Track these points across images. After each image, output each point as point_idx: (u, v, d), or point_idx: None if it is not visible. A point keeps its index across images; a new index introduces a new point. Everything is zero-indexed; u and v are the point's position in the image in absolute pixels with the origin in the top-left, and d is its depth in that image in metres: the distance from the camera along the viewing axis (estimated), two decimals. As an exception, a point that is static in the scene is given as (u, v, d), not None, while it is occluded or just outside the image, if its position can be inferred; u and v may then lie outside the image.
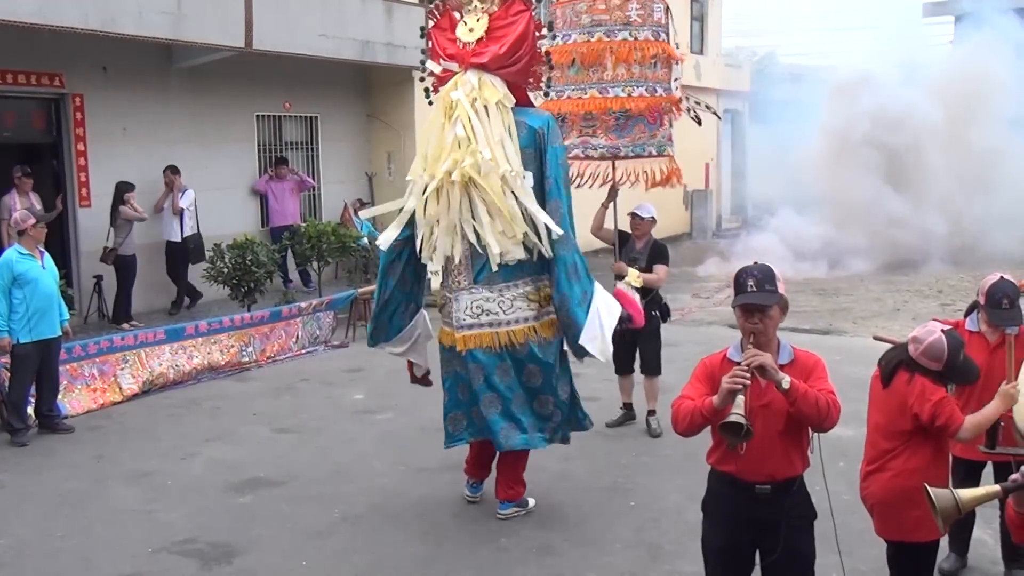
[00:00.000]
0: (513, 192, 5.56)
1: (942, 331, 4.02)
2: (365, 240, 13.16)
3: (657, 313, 7.70)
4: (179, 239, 11.95)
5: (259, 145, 13.88)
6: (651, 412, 7.83)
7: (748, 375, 3.37)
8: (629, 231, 7.76)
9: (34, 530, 5.93)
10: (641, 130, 7.17)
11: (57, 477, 6.91)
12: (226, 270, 10.95)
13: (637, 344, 7.69)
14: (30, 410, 7.90)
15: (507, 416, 5.73)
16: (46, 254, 8.02)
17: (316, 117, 14.67)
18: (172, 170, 11.86)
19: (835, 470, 5.81)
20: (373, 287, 6.72)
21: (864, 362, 9.15)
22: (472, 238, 5.61)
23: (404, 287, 6.04)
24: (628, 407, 8.08)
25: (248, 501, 6.40)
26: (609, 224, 7.75)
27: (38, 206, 10.49)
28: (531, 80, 5.96)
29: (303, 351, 10.92)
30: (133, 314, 11.47)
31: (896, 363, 4.15)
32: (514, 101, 5.74)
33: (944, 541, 4.52)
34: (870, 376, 4.34)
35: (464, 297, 5.73)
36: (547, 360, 5.79)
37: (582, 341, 5.59)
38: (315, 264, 12.62)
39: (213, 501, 6.39)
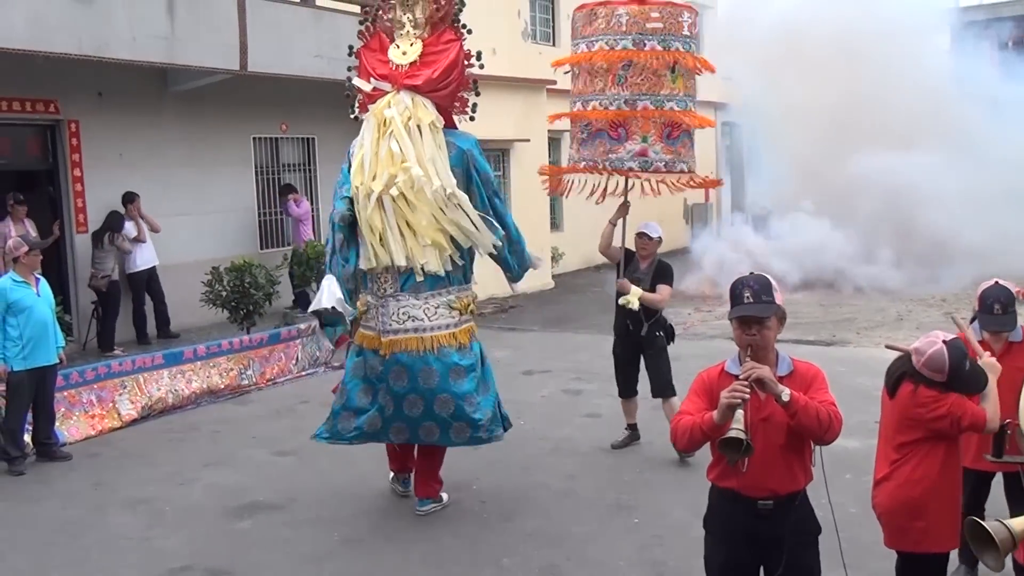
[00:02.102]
0: (442, 208, 6.01)
1: (944, 341, 3.95)
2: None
3: (661, 334, 7.51)
4: (149, 266, 11.73)
5: (256, 167, 13.84)
6: None
7: (747, 389, 3.30)
8: (634, 250, 7.60)
9: (30, 560, 5.85)
10: (683, 144, 7.26)
11: (54, 505, 6.83)
12: (224, 293, 10.89)
13: (642, 365, 7.60)
14: (27, 438, 7.83)
15: (428, 415, 6.07)
16: (42, 281, 7.97)
17: (313, 138, 14.64)
18: (129, 198, 11.53)
19: (842, 482, 5.74)
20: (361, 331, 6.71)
21: (869, 373, 9.13)
22: (399, 249, 6.06)
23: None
24: (633, 428, 7.86)
25: (247, 526, 6.32)
26: (618, 242, 7.56)
27: (33, 233, 10.43)
28: (457, 104, 6.42)
29: (303, 373, 10.85)
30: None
31: (900, 374, 4.09)
32: (443, 122, 6.20)
33: (954, 554, 4.43)
34: (876, 387, 4.28)
35: (391, 303, 6.12)
36: (468, 363, 6.15)
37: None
38: (314, 285, 12.57)
39: (212, 526, 6.32)
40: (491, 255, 6.49)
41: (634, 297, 7.12)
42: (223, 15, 11.34)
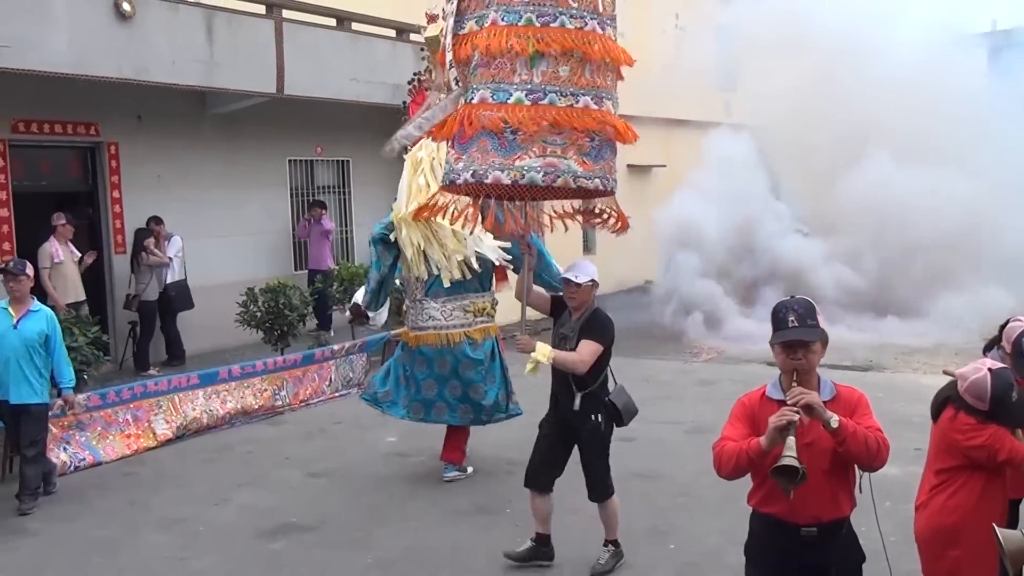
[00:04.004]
0: (453, 230, 6.90)
1: (989, 369, 3.87)
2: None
3: (599, 418, 5.63)
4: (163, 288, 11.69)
5: (291, 190, 13.97)
6: (608, 543, 5.88)
7: (797, 414, 3.24)
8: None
9: (66, 578, 5.88)
10: (611, 157, 4.93)
11: (89, 524, 6.87)
12: (259, 314, 10.96)
13: (569, 453, 5.82)
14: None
15: (440, 397, 7.42)
16: (33, 315, 7.19)
17: (348, 161, 14.76)
18: (155, 220, 11.57)
19: (881, 510, 5.58)
20: (405, 328, 7.93)
21: (908, 399, 9.01)
22: (422, 263, 7.33)
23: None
24: (542, 540, 5.87)
25: (280, 547, 6.31)
26: (542, 287, 6.43)
27: (77, 254, 10.58)
28: None
29: (336, 394, 10.87)
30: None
31: (944, 398, 4.02)
32: None
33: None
34: (915, 413, 4.21)
35: (418, 306, 7.44)
36: (477, 357, 7.38)
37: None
38: (344, 307, 12.61)
39: (245, 547, 6.32)
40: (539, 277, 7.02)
41: (541, 357, 5.34)
42: (261, 39, 11.50)
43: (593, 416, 5.60)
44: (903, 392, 9.61)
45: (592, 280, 5.65)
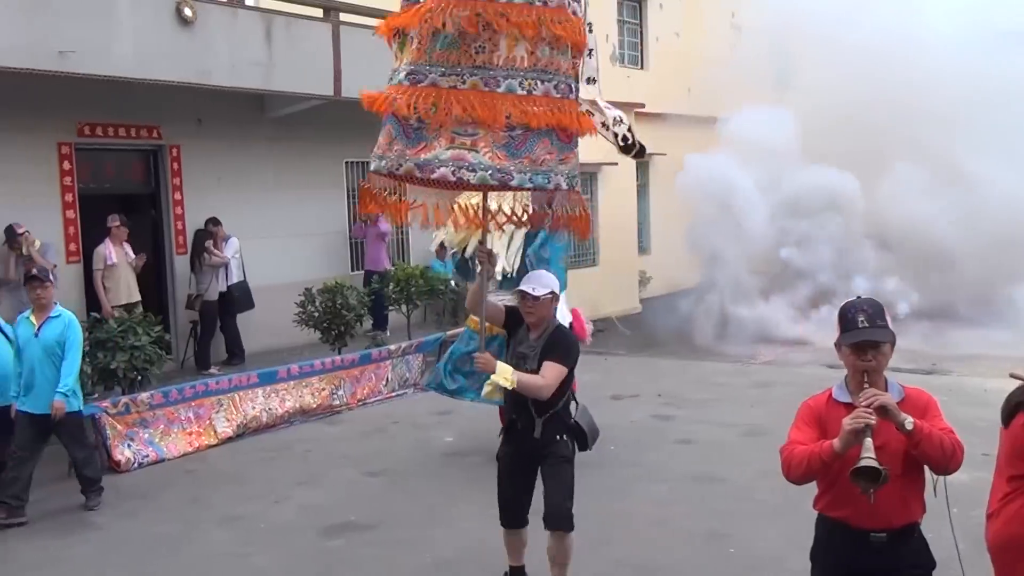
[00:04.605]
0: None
1: None
2: (453, 283, 13.18)
3: (564, 438, 5.03)
4: (226, 289, 11.81)
5: (348, 191, 14.09)
6: None
7: (873, 416, 3.18)
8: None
9: (131, 572, 5.99)
10: (546, 149, 4.40)
11: (152, 520, 6.99)
12: (316, 314, 11.07)
13: (535, 477, 5.14)
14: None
15: (487, 377, 7.25)
16: (53, 320, 7.09)
17: (403, 162, 14.81)
18: (214, 222, 11.74)
19: (949, 517, 5.51)
20: (461, 329, 8.11)
21: (973, 403, 8.81)
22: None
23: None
24: (516, 573, 5.32)
25: (339, 545, 6.36)
26: (496, 298, 5.88)
27: (131, 255, 10.75)
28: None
29: (392, 394, 10.94)
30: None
31: (1016, 403, 3.90)
32: None
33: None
34: (980, 418, 4.11)
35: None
36: None
37: None
38: (404, 307, 12.69)
39: (305, 545, 6.38)
40: None
41: (501, 380, 4.72)
42: (318, 42, 11.61)
43: (559, 437, 4.99)
44: (968, 396, 9.41)
45: (551, 292, 5.01)
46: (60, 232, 10.62)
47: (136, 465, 8.26)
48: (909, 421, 3.21)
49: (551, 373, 4.85)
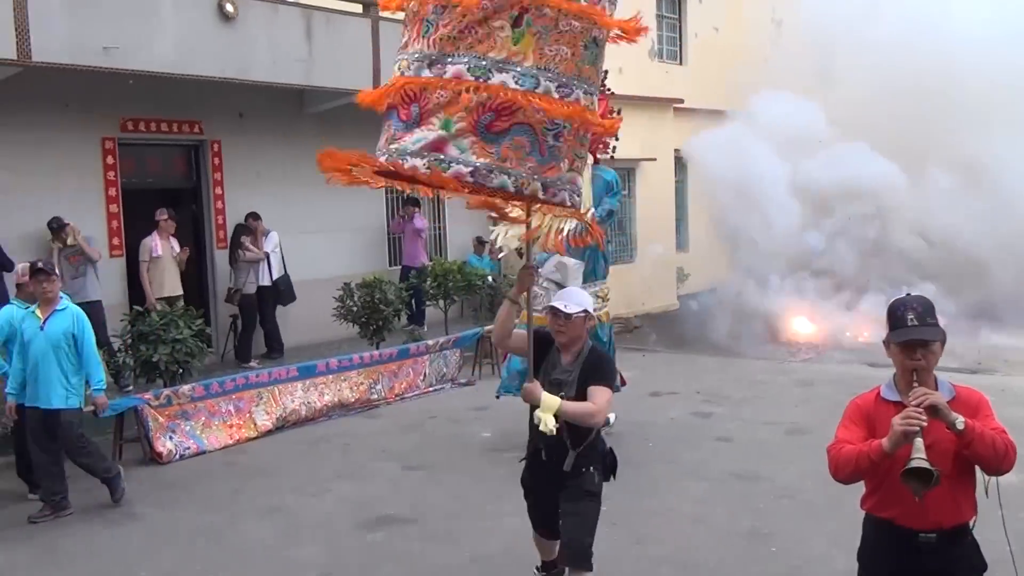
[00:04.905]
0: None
1: None
2: (491, 278, 13.18)
3: (593, 469, 4.58)
4: (268, 283, 11.86)
5: (386, 187, 14.09)
6: None
7: (924, 416, 3.12)
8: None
9: (174, 563, 6.05)
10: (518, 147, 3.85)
11: (194, 511, 7.06)
12: (355, 308, 11.12)
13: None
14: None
15: None
16: (59, 314, 6.93)
17: (441, 158, 14.83)
18: (254, 216, 11.82)
19: (998, 518, 5.42)
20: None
21: (1021, 403, 8.64)
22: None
23: None
24: (549, 567, 5.11)
25: (379, 538, 6.38)
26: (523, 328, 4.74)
27: (176, 249, 10.87)
28: (600, 147, 8.58)
29: (430, 389, 10.97)
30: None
31: None
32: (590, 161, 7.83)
33: None
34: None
35: (549, 292, 7.63)
36: (602, 338, 8.32)
37: None
38: (441, 303, 12.70)
39: (345, 537, 6.41)
40: None
41: (549, 413, 4.22)
42: (357, 38, 11.65)
43: (586, 469, 4.52)
44: (1016, 396, 9.25)
45: (584, 311, 4.52)
46: (103, 226, 10.76)
47: (178, 457, 8.35)
48: (960, 421, 3.15)
49: (601, 399, 4.37)
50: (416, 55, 3.98)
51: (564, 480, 4.51)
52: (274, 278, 11.87)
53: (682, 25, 20.01)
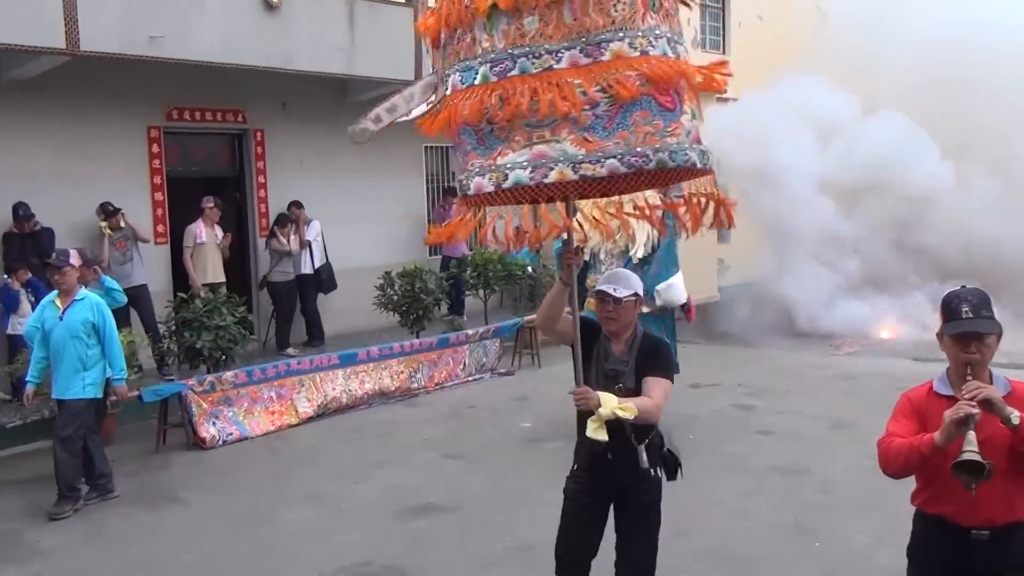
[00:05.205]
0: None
1: None
2: (531, 268, 13.17)
3: (660, 472, 4.16)
4: (310, 271, 11.93)
5: (427, 176, 14.16)
6: None
7: (977, 409, 3.06)
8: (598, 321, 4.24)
9: (218, 547, 6.12)
10: (645, 118, 3.45)
11: (237, 497, 7.13)
12: (396, 297, 11.16)
13: (604, 526, 4.30)
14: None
15: None
16: (77, 304, 6.86)
17: (482, 147, 14.82)
18: (296, 205, 11.88)
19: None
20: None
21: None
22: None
23: None
24: None
25: (420, 526, 6.41)
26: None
27: (219, 236, 10.99)
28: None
29: (470, 378, 10.98)
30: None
31: None
32: None
33: None
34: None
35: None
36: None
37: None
38: (481, 292, 12.72)
39: (386, 524, 6.44)
40: None
41: (607, 410, 3.78)
42: (400, 26, 11.65)
43: (653, 471, 4.07)
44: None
45: (635, 294, 4.07)
46: (148, 214, 10.89)
47: (220, 442, 8.45)
48: (1016, 416, 3.08)
49: (660, 391, 3.95)
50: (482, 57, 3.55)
51: (624, 488, 4.08)
52: (316, 266, 11.93)
53: (725, 14, 19.79)
